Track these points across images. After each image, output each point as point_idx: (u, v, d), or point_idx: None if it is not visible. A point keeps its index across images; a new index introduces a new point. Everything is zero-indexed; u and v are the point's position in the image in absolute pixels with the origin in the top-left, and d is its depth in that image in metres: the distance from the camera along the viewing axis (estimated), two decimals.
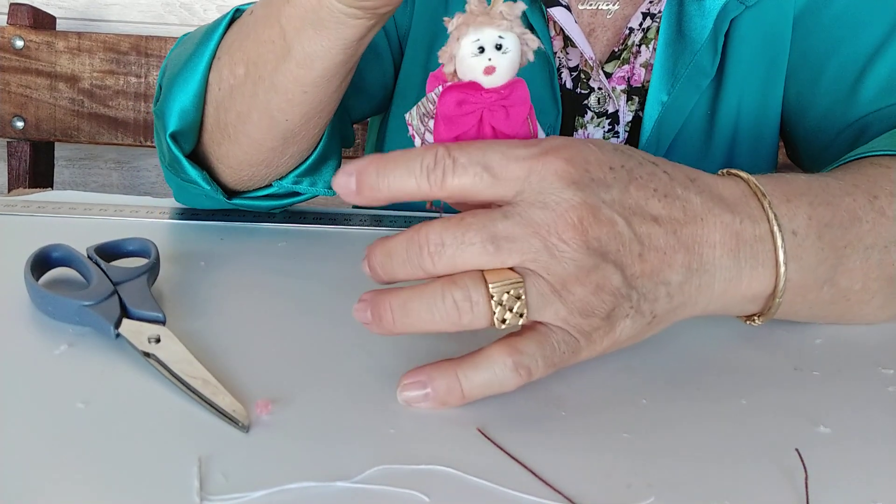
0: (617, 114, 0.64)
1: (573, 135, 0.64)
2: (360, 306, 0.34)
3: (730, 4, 0.60)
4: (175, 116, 0.49)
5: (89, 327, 0.37)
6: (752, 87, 0.63)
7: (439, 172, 0.33)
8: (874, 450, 0.32)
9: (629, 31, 0.62)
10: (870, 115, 0.58)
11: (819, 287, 0.38)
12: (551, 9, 0.61)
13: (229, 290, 0.43)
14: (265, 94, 0.46)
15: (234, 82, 0.47)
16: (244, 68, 0.46)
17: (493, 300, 0.31)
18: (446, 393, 0.33)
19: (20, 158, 0.98)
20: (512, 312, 0.31)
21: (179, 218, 0.54)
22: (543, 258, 0.32)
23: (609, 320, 0.33)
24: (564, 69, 0.64)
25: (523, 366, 0.32)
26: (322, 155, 0.52)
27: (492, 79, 0.31)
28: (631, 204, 0.34)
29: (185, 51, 0.51)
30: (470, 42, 0.30)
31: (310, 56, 0.43)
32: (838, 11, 0.61)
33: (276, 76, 0.45)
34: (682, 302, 0.35)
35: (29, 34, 0.95)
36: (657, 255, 0.34)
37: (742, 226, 0.36)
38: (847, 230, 0.39)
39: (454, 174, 0.32)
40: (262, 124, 0.47)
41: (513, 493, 0.28)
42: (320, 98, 0.46)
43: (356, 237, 0.54)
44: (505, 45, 0.31)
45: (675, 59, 0.61)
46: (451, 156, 0.33)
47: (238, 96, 0.47)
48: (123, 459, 0.29)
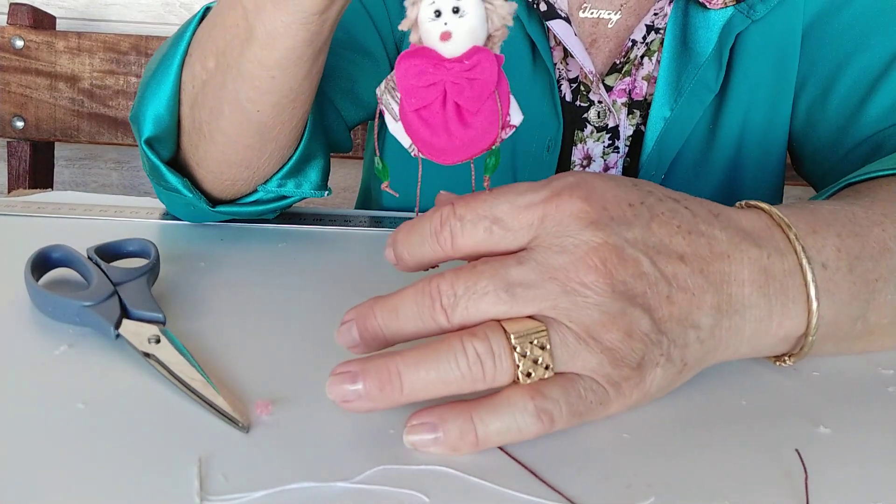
0: (617, 128, 0.63)
1: (572, 149, 0.63)
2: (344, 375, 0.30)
3: (735, 18, 0.59)
4: (150, 122, 0.48)
5: (89, 328, 0.37)
6: (758, 102, 0.62)
7: (447, 234, 0.32)
8: (874, 450, 0.32)
9: (632, 44, 0.61)
10: (886, 130, 0.57)
11: (852, 324, 0.36)
12: (550, 21, 0.59)
13: (229, 290, 0.43)
14: (233, 83, 0.44)
15: (206, 77, 0.46)
16: (214, 60, 0.45)
17: (517, 352, 0.29)
18: (458, 438, 0.29)
19: (20, 158, 0.98)
20: (537, 365, 0.29)
21: (179, 218, 0.54)
22: (564, 304, 0.30)
23: (640, 370, 0.31)
24: (564, 81, 0.62)
25: (546, 411, 0.29)
26: (304, 155, 0.50)
27: (449, 46, 0.28)
28: (655, 242, 0.32)
29: (157, 55, 0.50)
30: (427, 5, 0.28)
31: (271, 34, 0.41)
32: (848, 24, 0.59)
33: (242, 62, 0.43)
34: (713, 347, 0.33)
35: (29, 34, 0.95)
36: (685, 296, 0.32)
37: (770, 260, 0.34)
38: (878, 262, 0.36)
39: (463, 234, 0.32)
40: (234, 118, 0.46)
41: (513, 494, 0.28)
42: (289, 85, 0.44)
43: (356, 237, 0.54)
44: (463, 8, 0.28)
45: (678, 74, 0.60)
46: (456, 214, 0.32)
47: (210, 90, 0.46)
48: (123, 459, 0.29)
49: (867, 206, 0.39)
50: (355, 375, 0.30)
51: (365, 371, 0.30)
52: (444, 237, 0.32)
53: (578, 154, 0.64)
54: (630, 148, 0.63)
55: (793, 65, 0.62)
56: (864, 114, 0.58)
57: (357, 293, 0.44)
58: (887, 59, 0.58)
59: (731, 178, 0.64)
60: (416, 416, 0.30)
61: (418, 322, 0.31)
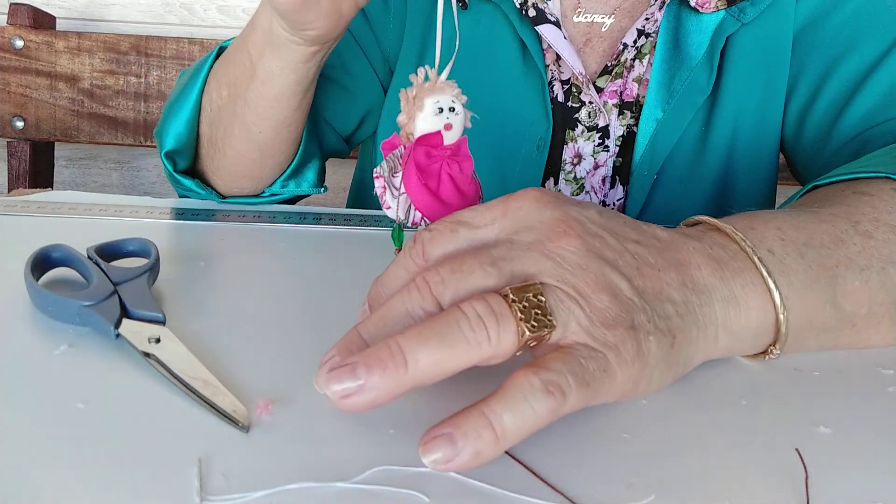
0: (608, 128, 0.64)
1: (563, 148, 0.65)
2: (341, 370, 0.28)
3: (726, 21, 0.60)
4: (171, 138, 0.59)
5: (89, 327, 0.37)
6: (749, 104, 0.63)
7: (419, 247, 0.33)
8: (874, 450, 0.32)
9: (623, 47, 0.62)
10: (869, 131, 0.57)
11: (821, 307, 0.36)
12: (539, 26, 0.61)
13: (229, 290, 0.43)
14: (242, 110, 0.55)
15: (221, 103, 0.57)
16: (227, 90, 0.56)
17: (516, 305, 0.29)
18: (477, 438, 0.27)
19: (20, 158, 0.98)
20: (540, 316, 0.29)
21: (179, 218, 0.54)
22: (548, 267, 0.30)
23: (633, 332, 0.30)
24: (557, 82, 0.64)
25: (552, 383, 0.28)
26: (301, 160, 0.61)
27: (449, 134, 0.37)
28: (610, 226, 0.33)
29: (180, 82, 0.61)
30: (432, 103, 0.36)
31: (269, 74, 0.52)
32: (838, 28, 0.60)
33: (248, 94, 0.54)
34: (691, 322, 0.33)
35: (29, 34, 0.95)
36: (652, 271, 0.33)
37: (713, 250, 0.35)
38: (832, 250, 0.37)
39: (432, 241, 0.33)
40: (242, 137, 0.56)
41: (513, 494, 0.28)
42: (284, 113, 0.55)
43: (356, 237, 0.54)
44: (456, 108, 0.37)
45: (670, 76, 0.61)
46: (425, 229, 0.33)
47: (224, 114, 0.57)
48: (123, 459, 0.29)
49: (815, 210, 0.40)
50: (354, 367, 0.28)
51: (364, 357, 0.28)
52: (415, 251, 0.33)
53: (569, 152, 0.65)
54: (622, 148, 0.64)
55: (783, 68, 0.62)
56: (848, 115, 0.59)
57: (357, 293, 0.44)
58: (872, 62, 0.59)
59: (724, 179, 0.65)
60: (427, 434, 0.27)
61: (409, 319, 0.30)
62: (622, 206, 0.65)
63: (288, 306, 0.42)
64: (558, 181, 0.65)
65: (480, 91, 0.63)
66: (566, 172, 0.65)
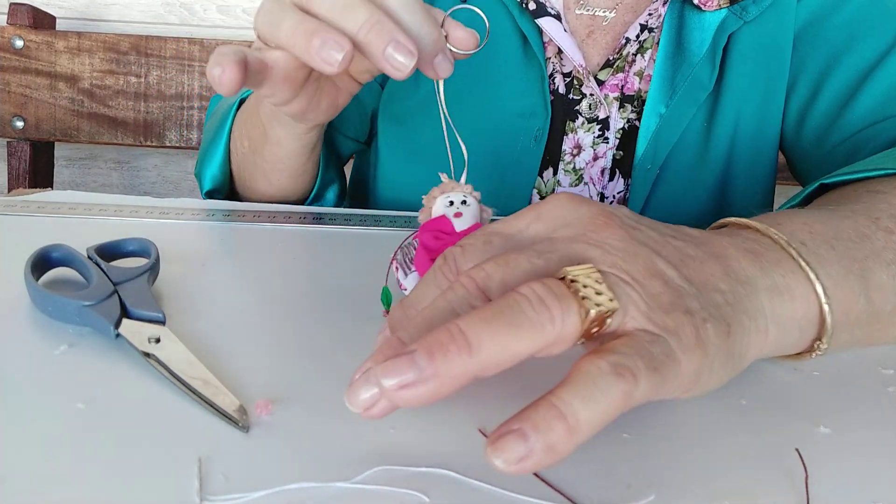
0: (608, 120, 0.64)
1: (563, 138, 0.65)
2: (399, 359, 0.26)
3: (729, 19, 0.60)
4: (209, 180, 0.64)
5: (89, 327, 0.37)
6: (750, 101, 0.63)
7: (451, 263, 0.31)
8: (874, 450, 0.32)
9: (625, 42, 0.63)
10: (867, 130, 0.58)
11: (856, 299, 0.35)
12: (539, 20, 0.61)
13: (229, 290, 0.43)
14: (260, 163, 0.59)
15: (244, 151, 0.61)
16: (248, 142, 0.60)
17: (577, 284, 0.27)
18: (548, 430, 0.25)
19: (20, 158, 0.98)
20: (599, 295, 0.27)
21: (179, 218, 0.54)
22: (597, 255, 0.29)
23: (690, 318, 0.28)
24: (558, 74, 0.65)
25: (622, 365, 0.26)
26: (321, 187, 0.64)
27: (460, 222, 0.41)
28: (646, 221, 0.32)
29: (211, 127, 0.66)
30: (443, 199, 0.42)
31: (278, 140, 0.55)
32: (839, 26, 0.61)
33: (263, 151, 0.57)
34: (742, 311, 0.31)
35: (29, 34, 0.95)
36: (695, 262, 0.31)
37: (747, 244, 0.34)
38: (859, 244, 0.36)
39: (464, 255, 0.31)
40: (262, 182, 0.61)
41: (513, 494, 0.28)
42: (294, 168, 0.59)
43: (356, 237, 0.54)
44: (468, 201, 0.42)
45: (673, 72, 0.62)
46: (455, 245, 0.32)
47: (247, 162, 0.61)
48: (123, 459, 0.29)
49: (833, 207, 0.39)
50: (412, 355, 0.26)
51: (423, 344, 0.26)
52: (447, 266, 0.31)
53: (569, 143, 0.66)
54: (623, 141, 0.65)
55: (784, 66, 0.63)
56: (849, 113, 0.59)
57: (357, 293, 0.44)
58: (873, 61, 0.59)
59: (725, 175, 0.66)
60: (494, 433, 0.25)
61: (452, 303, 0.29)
62: (623, 199, 0.66)
63: (288, 306, 0.42)
64: (557, 171, 0.66)
65: (480, 82, 0.64)
66: (565, 163, 0.66)
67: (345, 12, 0.38)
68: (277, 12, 0.39)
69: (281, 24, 0.38)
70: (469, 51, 0.42)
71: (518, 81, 0.64)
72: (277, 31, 0.39)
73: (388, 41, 0.37)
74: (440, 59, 0.41)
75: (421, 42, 0.39)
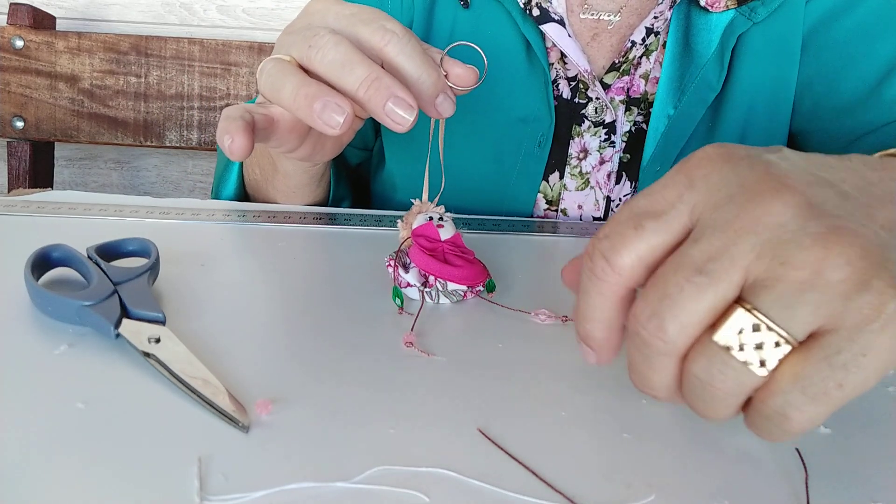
0: (614, 123, 0.64)
1: (569, 143, 0.65)
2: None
3: (737, 20, 0.60)
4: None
5: (89, 327, 0.37)
6: (759, 102, 0.63)
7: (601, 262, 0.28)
8: (874, 450, 0.32)
9: (631, 45, 0.63)
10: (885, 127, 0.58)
11: None
12: (543, 25, 0.61)
13: (229, 290, 0.43)
14: (272, 190, 0.61)
15: (256, 178, 0.63)
16: (259, 171, 0.61)
17: (733, 352, 0.25)
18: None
19: (20, 158, 0.98)
20: (764, 349, 0.25)
21: (179, 218, 0.54)
22: (770, 249, 0.25)
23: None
24: (562, 79, 0.65)
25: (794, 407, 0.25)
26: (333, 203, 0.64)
27: (442, 231, 0.44)
28: (815, 165, 0.28)
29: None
30: (423, 216, 0.45)
31: (287, 172, 0.57)
32: (852, 26, 0.61)
33: (274, 181, 0.59)
34: None
35: (29, 34, 0.95)
36: (882, 202, 0.27)
37: None
38: None
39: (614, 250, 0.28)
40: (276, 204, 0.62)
41: (513, 494, 0.28)
42: (305, 195, 0.60)
43: (356, 237, 0.54)
44: (445, 219, 0.45)
45: (681, 73, 0.62)
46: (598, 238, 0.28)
47: (260, 187, 0.63)
48: (123, 459, 0.29)
49: None
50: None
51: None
52: (600, 267, 0.28)
53: (575, 147, 0.65)
54: (631, 144, 0.65)
55: (793, 67, 0.63)
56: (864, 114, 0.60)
57: (357, 293, 0.44)
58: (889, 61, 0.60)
59: None
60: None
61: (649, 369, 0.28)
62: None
63: (288, 306, 0.42)
64: (563, 175, 0.66)
65: (483, 88, 0.64)
66: (572, 167, 0.66)
67: (344, 70, 0.38)
68: (279, 75, 0.40)
69: (283, 89, 0.39)
70: (469, 87, 0.43)
71: (521, 87, 0.64)
72: (280, 94, 0.40)
73: (388, 97, 0.38)
74: (441, 99, 0.41)
75: (421, 86, 0.40)
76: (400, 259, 0.45)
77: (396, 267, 0.44)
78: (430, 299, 0.43)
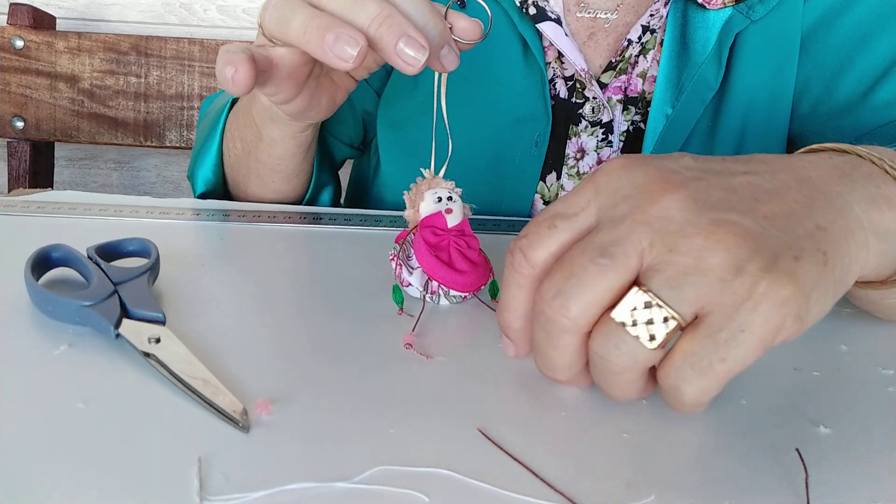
0: (611, 123, 0.64)
1: (566, 142, 0.65)
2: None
3: (734, 18, 0.60)
4: (201, 182, 0.64)
5: (89, 327, 0.37)
6: (757, 101, 0.63)
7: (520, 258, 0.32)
8: (874, 450, 0.32)
9: (627, 43, 0.62)
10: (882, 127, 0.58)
11: None
12: (540, 24, 0.61)
13: (229, 290, 0.43)
14: (255, 164, 0.58)
15: (237, 153, 0.60)
16: (240, 143, 0.59)
17: (627, 327, 0.28)
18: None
19: (20, 158, 0.98)
20: (654, 324, 0.28)
21: (179, 218, 0.54)
22: (659, 238, 0.28)
23: (774, 259, 0.27)
24: (559, 79, 0.64)
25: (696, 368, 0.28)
26: (316, 189, 0.64)
27: (450, 217, 0.43)
28: (709, 167, 0.31)
29: (203, 129, 0.66)
30: (431, 194, 0.43)
31: (273, 140, 0.55)
32: (849, 27, 0.61)
33: (257, 152, 0.57)
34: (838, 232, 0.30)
35: (29, 34, 0.95)
36: (771, 196, 0.30)
37: (833, 160, 0.32)
38: None
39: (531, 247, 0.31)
40: (257, 183, 0.60)
41: (513, 494, 0.28)
42: (290, 168, 0.58)
43: (356, 237, 0.54)
44: (454, 198, 0.44)
45: (679, 72, 0.61)
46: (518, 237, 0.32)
47: (240, 164, 0.60)
48: (123, 459, 0.29)
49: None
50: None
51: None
52: (517, 261, 0.32)
53: (572, 147, 0.65)
54: (628, 143, 0.65)
55: (791, 66, 0.63)
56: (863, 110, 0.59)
57: (357, 293, 0.44)
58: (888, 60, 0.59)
59: None
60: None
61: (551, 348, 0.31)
62: None
63: (288, 306, 0.42)
64: (561, 176, 0.65)
65: (480, 87, 0.64)
66: (569, 167, 0.65)
67: (355, 6, 0.37)
68: (287, 8, 0.38)
69: (292, 21, 0.38)
70: (474, 40, 0.41)
71: (518, 87, 0.63)
72: (287, 27, 0.38)
73: (400, 35, 0.36)
74: (446, 51, 0.40)
75: (427, 34, 0.39)
76: (404, 252, 0.44)
77: (400, 265, 0.44)
78: (431, 301, 0.43)
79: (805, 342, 0.40)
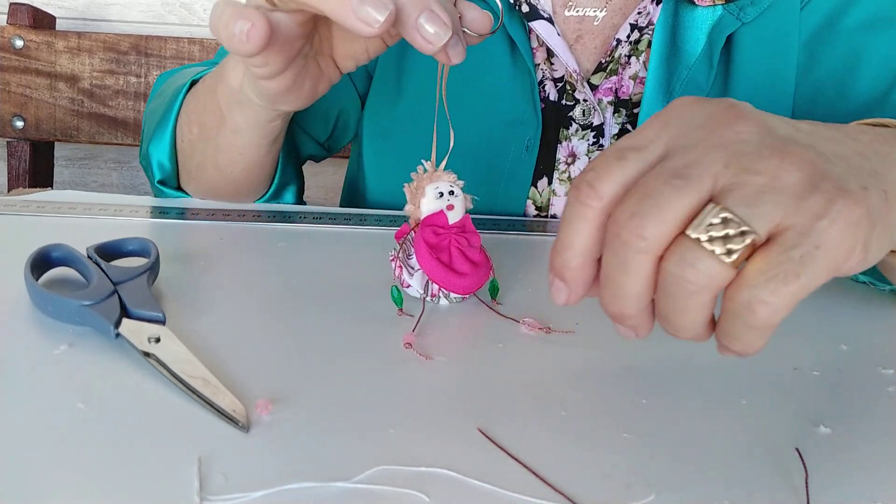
0: (602, 126, 0.63)
1: (556, 147, 0.64)
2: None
3: (725, 19, 0.59)
4: (157, 168, 0.60)
5: (89, 327, 0.37)
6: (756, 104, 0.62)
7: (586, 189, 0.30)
8: (874, 450, 0.32)
9: (616, 43, 0.61)
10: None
11: None
12: (532, 22, 0.60)
13: (229, 290, 0.43)
14: (213, 152, 0.55)
15: (192, 138, 0.57)
16: (197, 128, 0.56)
17: (703, 243, 0.27)
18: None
19: (20, 158, 0.98)
20: (730, 239, 0.27)
21: (179, 218, 0.54)
22: (735, 160, 0.28)
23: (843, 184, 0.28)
24: (548, 80, 0.63)
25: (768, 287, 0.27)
26: (278, 186, 0.61)
27: (452, 214, 0.42)
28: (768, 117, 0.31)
29: (157, 108, 0.61)
30: (433, 189, 0.42)
31: (238, 126, 0.52)
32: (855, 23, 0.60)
33: (218, 138, 0.54)
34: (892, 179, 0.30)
35: (29, 34, 0.95)
36: (829, 142, 0.30)
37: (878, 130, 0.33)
38: None
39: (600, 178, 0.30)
40: (214, 173, 0.57)
41: (513, 494, 0.28)
42: (253, 158, 0.55)
43: (356, 237, 0.54)
44: (455, 191, 0.43)
45: (669, 73, 0.60)
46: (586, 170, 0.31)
47: (195, 150, 0.57)
48: (123, 459, 0.29)
49: None
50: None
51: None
52: (584, 193, 0.30)
53: (563, 151, 0.64)
54: None
55: (789, 72, 0.62)
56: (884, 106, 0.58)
57: (357, 293, 0.44)
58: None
59: None
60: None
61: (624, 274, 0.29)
62: None
63: (288, 306, 0.42)
64: (552, 181, 0.65)
65: (469, 92, 0.63)
66: (560, 172, 0.64)
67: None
68: None
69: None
70: (482, 33, 0.40)
71: (507, 89, 0.62)
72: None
73: (423, 9, 0.35)
74: (454, 41, 0.38)
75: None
76: (405, 251, 0.43)
77: (400, 266, 0.43)
78: (431, 302, 0.43)
79: (805, 342, 0.41)
